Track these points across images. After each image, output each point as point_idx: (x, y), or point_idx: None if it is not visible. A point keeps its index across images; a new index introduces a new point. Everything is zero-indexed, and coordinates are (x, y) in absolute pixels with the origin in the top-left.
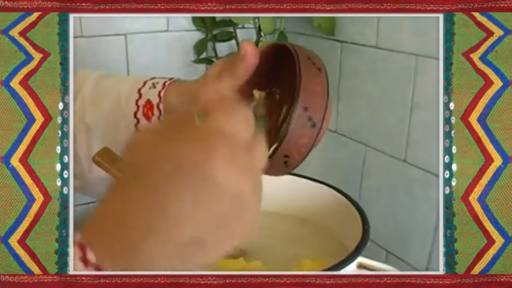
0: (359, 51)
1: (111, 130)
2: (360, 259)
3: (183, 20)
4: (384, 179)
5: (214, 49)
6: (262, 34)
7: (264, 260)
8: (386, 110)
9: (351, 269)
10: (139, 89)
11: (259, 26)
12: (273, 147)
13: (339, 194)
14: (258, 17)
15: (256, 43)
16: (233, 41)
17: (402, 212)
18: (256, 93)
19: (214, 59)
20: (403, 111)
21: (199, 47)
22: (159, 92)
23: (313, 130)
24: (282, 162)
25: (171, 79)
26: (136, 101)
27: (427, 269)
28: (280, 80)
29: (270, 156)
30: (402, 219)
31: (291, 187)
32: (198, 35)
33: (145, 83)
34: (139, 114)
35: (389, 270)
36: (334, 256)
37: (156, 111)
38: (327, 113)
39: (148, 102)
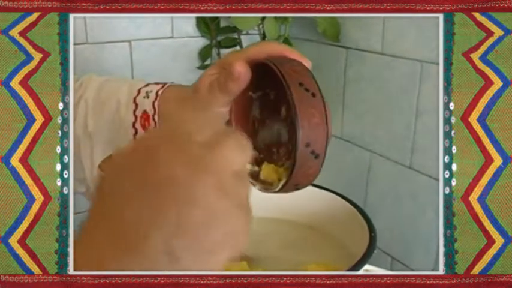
0: (364, 58)
1: (112, 139)
2: (367, 266)
3: (187, 26)
4: (389, 185)
5: (218, 55)
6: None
7: (268, 267)
8: (392, 116)
9: None
10: (135, 98)
11: (264, 31)
12: (282, 183)
13: (344, 201)
14: (262, 23)
15: None
16: (237, 47)
17: (407, 218)
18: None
19: None
20: (408, 118)
21: (204, 53)
22: (153, 102)
23: (317, 160)
24: (293, 189)
25: (163, 86)
26: (134, 111)
27: None
28: (272, 79)
29: (281, 189)
30: (407, 226)
31: (296, 194)
32: (202, 41)
33: (139, 91)
34: (138, 125)
35: None
36: (340, 263)
37: (152, 122)
38: (328, 135)
39: (145, 113)
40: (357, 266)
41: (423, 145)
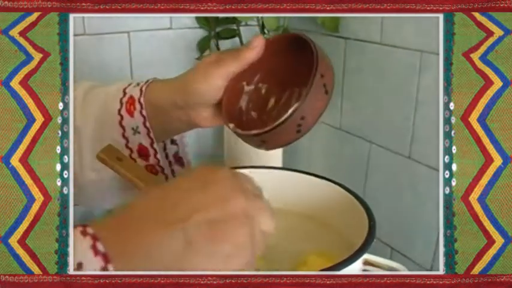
0: (363, 48)
1: (99, 132)
2: (366, 256)
3: (186, 17)
4: (389, 175)
5: (217, 46)
6: (265, 31)
7: (267, 257)
8: (391, 107)
9: (356, 266)
10: (125, 89)
11: (263, 23)
12: (293, 107)
13: (344, 191)
14: None
15: None
16: (236, 38)
17: (407, 208)
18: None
19: None
20: (408, 108)
21: (203, 45)
22: (141, 87)
23: (326, 96)
24: (295, 125)
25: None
26: (121, 99)
27: (431, 266)
28: (267, 74)
29: (289, 117)
30: (407, 216)
31: (296, 184)
32: (201, 33)
33: (130, 84)
34: (123, 111)
35: (395, 266)
36: (340, 253)
37: (137, 105)
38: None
39: (131, 97)
40: (357, 255)
41: (422, 135)
